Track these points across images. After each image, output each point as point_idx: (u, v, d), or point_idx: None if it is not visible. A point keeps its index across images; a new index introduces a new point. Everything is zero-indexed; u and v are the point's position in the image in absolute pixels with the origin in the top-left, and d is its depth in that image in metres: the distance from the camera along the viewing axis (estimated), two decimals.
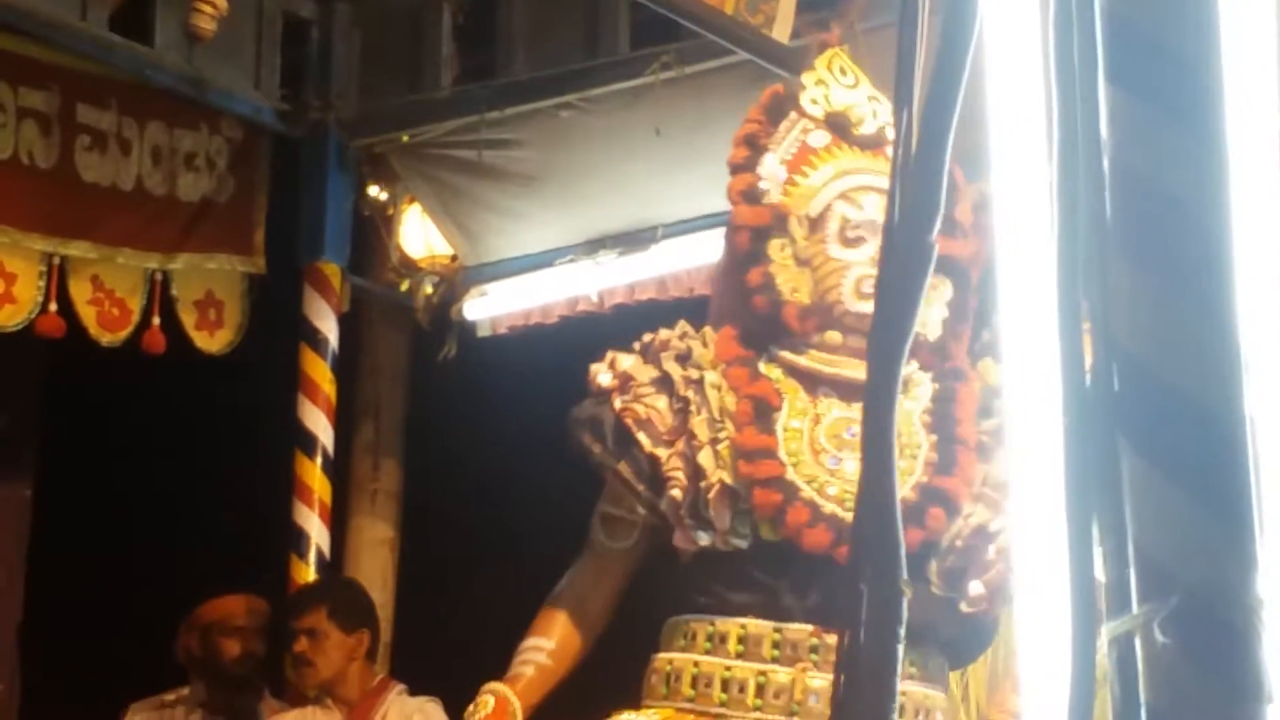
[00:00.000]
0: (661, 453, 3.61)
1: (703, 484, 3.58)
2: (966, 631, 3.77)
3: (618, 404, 3.67)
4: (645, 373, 3.70)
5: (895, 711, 1.93)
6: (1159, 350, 1.68)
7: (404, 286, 7.07)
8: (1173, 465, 1.66)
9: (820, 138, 3.85)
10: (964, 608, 3.68)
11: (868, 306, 3.64)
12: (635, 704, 3.72)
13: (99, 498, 7.35)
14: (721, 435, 3.62)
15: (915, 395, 3.79)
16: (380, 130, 6.95)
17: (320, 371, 6.86)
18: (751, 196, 3.79)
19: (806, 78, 3.94)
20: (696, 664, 3.62)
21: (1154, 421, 1.67)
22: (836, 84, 3.93)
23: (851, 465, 3.61)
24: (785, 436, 3.65)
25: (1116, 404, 1.70)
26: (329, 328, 6.90)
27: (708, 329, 3.81)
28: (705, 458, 3.59)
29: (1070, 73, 1.76)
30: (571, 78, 6.47)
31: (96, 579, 7.26)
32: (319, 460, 6.81)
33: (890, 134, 3.88)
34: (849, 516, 3.51)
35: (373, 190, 7.03)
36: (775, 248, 3.74)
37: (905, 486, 3.63)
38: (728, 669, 3.58)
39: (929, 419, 3.78)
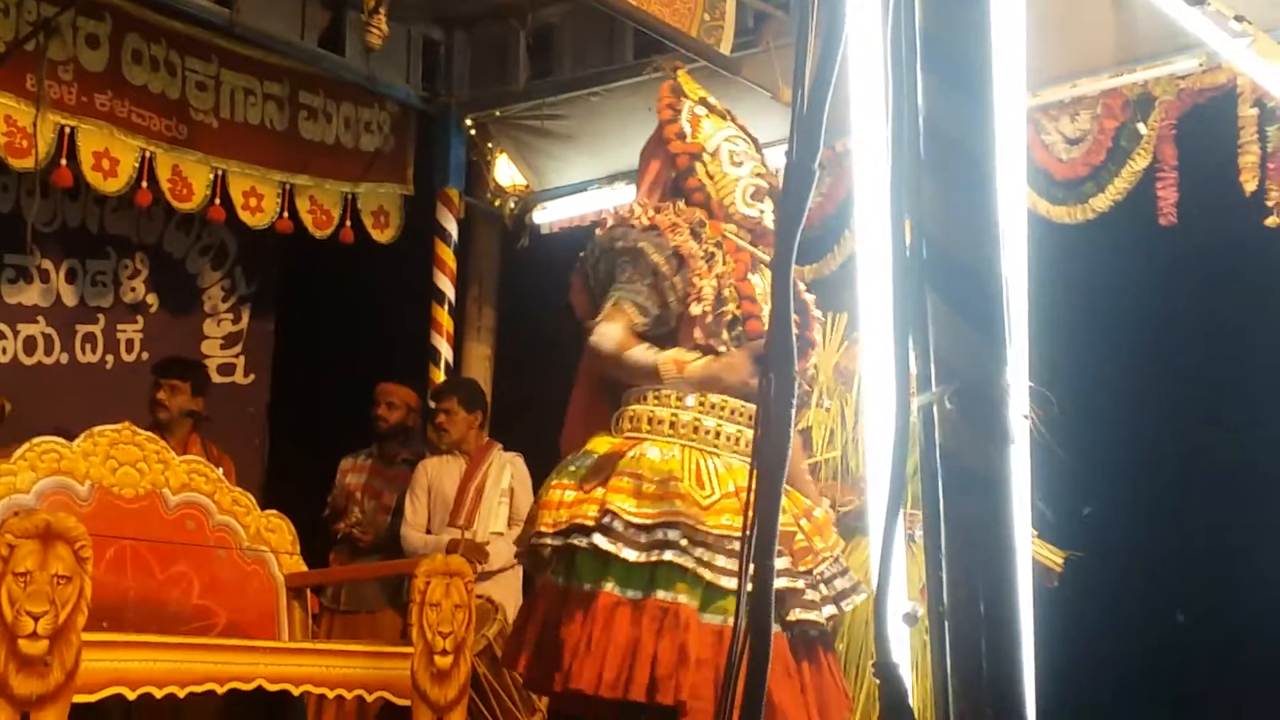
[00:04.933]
0: (699, 280, 3.37)
1: (722, 309, 3.38)
2: None
3: (675, 240, 3.41)
4: (682, 225, 3.45)
5: (788, 459, 1.92)
6: (950, 234, 1.70)
7: (497, 203, 7.04)
8: (957, 303, 1.67)
9: (700, 110, 3.69)
10: None
11: (751, 210, 3.55)
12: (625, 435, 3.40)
13: (323, 331, 7.34)
14: (728, 281, 3.42)
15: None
16: (483, 109, 6.89)
17: (447, 254, 6.87)
18: (682, 136, 3.62)
19: (682, 80, 3.76)
20: (698, 419, 3.35)
21: (945, 276, 1.69)
22: (693, 88, 3.76)
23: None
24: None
25: (924, 267, 1.70)
26: (452, 228, 6.90)
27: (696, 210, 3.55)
28: (727, 293, 3.39)
29: (900, 64, 1.76)
30: (598, 77, 6.41)
31: (320, 373, 7.25)
32: (446, 307, 6.83)
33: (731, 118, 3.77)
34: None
35: (478, 145, 6.99)
36: (699, 167, 3.59)
37: None
38: (720, 424, 3.36)
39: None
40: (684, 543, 3.20)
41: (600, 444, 3.41)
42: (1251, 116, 5.00)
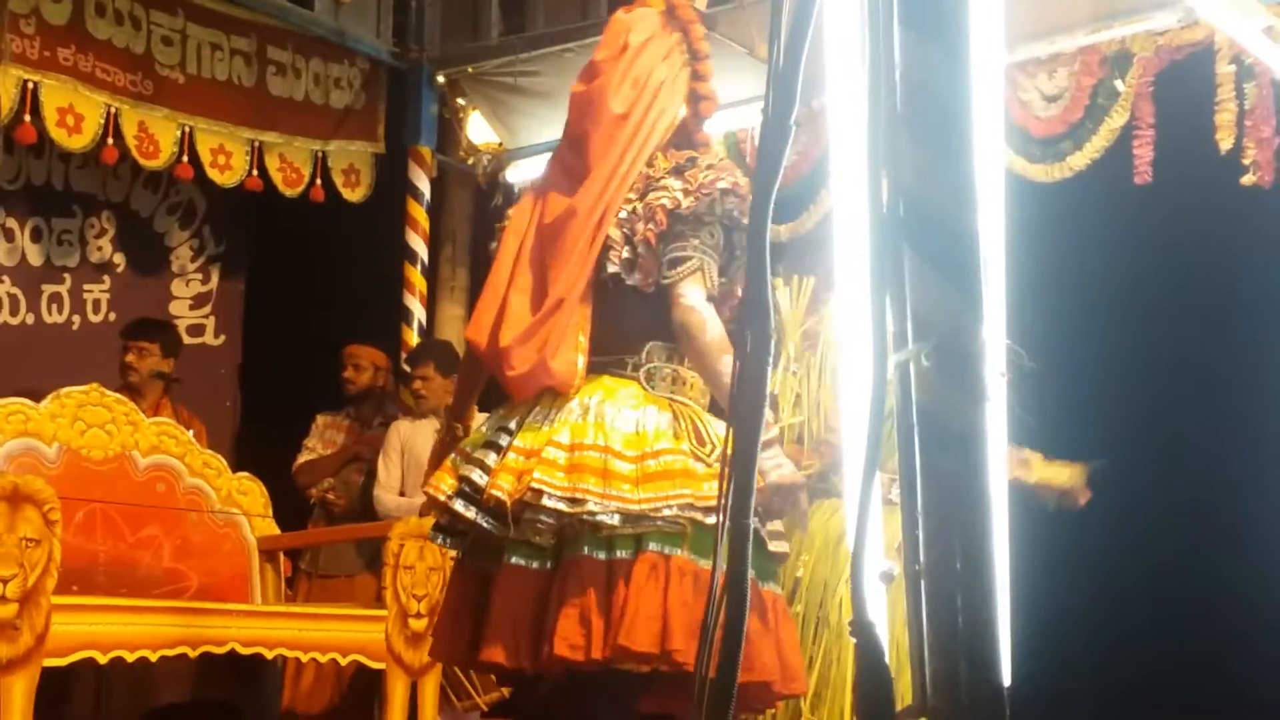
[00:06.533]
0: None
1: None
2: None
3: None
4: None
5: (766, 403, 1.91)
6: (926, 190, 1.67)
7: (470, 161, 7.00)
8: (934, 259, 1.65)
9: None
10: None
11: None
12: None
13: (294, 291, 7.27)
14: None
15: None
16: (455, 65, 6.82)
17: (419, 213, 6.81)
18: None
19: None
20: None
21: (922, 233, 1.67)
22: None
23: None
24: None
25: (901, 223, 1.69)
26: (425, 186, 6.83)
27: None
28: None
29: (877, 19, 1.74)
30: (572, 33, 6.36)
31: (291, 334, 7.19)
32: (419, 267, 6.77)
33: None
34: None
35: (450, 101, 6.93)
36: None
37: None
38: None
39: None
40: None
41: (661, 402, 2.93)
42: (1229, 73, 4.99)
